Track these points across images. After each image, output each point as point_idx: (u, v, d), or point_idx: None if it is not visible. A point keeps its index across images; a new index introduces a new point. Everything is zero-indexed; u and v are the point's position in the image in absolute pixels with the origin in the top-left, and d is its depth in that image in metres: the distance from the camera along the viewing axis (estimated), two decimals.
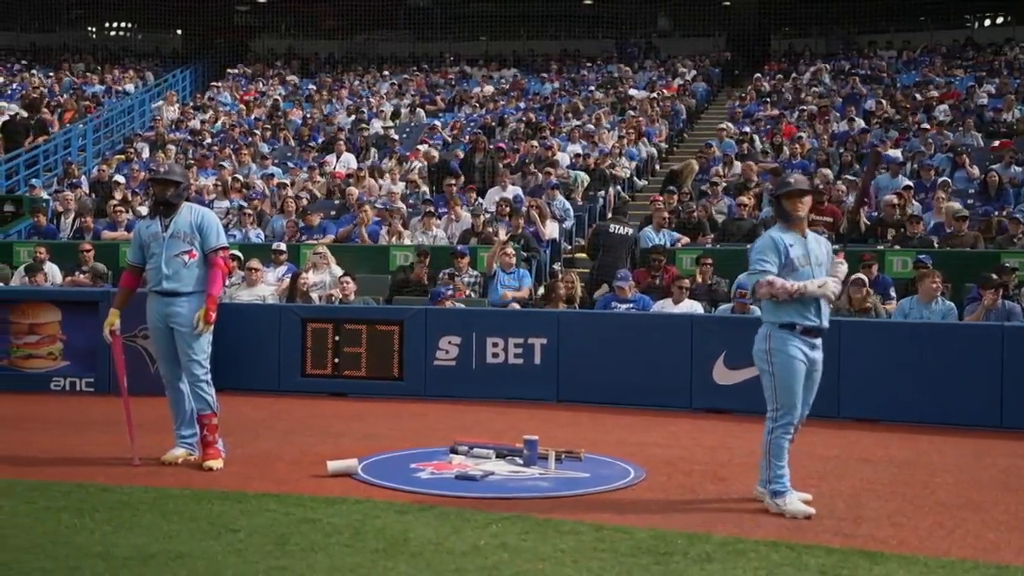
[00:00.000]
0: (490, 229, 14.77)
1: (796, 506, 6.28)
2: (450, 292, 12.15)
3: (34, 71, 29.33)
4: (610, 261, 13.11)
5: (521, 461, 7.59)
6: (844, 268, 6.62)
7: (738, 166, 18.04)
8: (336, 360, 11.19)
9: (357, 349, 11.16)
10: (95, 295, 11.41)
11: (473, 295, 12.98)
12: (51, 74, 29.23)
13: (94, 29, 37.95)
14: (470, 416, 10.04)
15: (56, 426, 9.36)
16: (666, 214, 14.71)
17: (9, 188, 19.10)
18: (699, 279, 12.69)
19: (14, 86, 27.47)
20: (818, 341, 6.53)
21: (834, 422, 9.31)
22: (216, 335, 11.27)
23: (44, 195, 17.84)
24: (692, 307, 11.59)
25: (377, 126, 23.07)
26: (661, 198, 15.44)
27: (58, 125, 22.91)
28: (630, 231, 14.01)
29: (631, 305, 11.75)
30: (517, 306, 12.56)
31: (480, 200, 16.24)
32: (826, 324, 6.54)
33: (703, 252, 13.44)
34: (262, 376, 11.31)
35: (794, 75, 26.80)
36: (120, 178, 17.74)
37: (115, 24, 38.44)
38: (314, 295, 12.66)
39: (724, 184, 16.61)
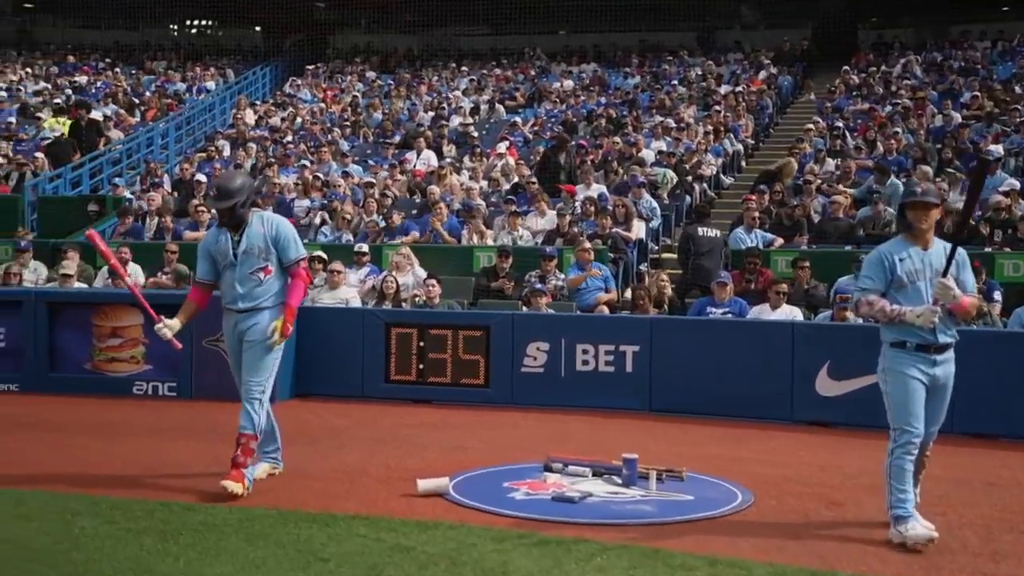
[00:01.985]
0: (575, 229, 14.37)
1: (918, 531, 5.80)
2: (547, 286, 11.90)
3: (118, 69, 29.59)
4: (703, 264, 12.64)
5: (620, 481, 7.19)
6: (951, 294, 5.88)
7: (831, 163, 17.41)
8: (420, 366, 10.88)
9: (442, 355, 10.84)
10: (179, 298, 11.20)
11: (561, 298, 12.58)
12: (134, 72, 29.47)
13: (176, 27, 38.25)
14: (559, 426, 9.67)
15: (138, 433, 9.17)
16: (757, 214, 14.18)
17: (93, 187, 19.13)
18: (797, 283, 12.15)
19: (99, 84, 27.70)
20: (941, 356, 6.04)
21: (949, 437, 8.72)
22: (298, 340, 11.17)
23: (127, 194, 17.83)
24: (791, 313, 11.08)
25: (456, 122, 22.78)
26: (754, 197, 14.90)
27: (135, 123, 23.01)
28: (718, 233, 13.51)
29: (727, 310, 11.27)
30: (606, 309, 12.15)
31: (565, 199, 15.82)
32: (947, 339, 6.05)
33: (799, 254, 12.89)
34: (345, 382, 11.06)
35: (883, 67, 25.92)
36: (202, 177, 17.65)
37: (196, 22, 38.72)
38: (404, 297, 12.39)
39: (817, 182, 16.00)
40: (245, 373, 7.02)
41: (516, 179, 17.21)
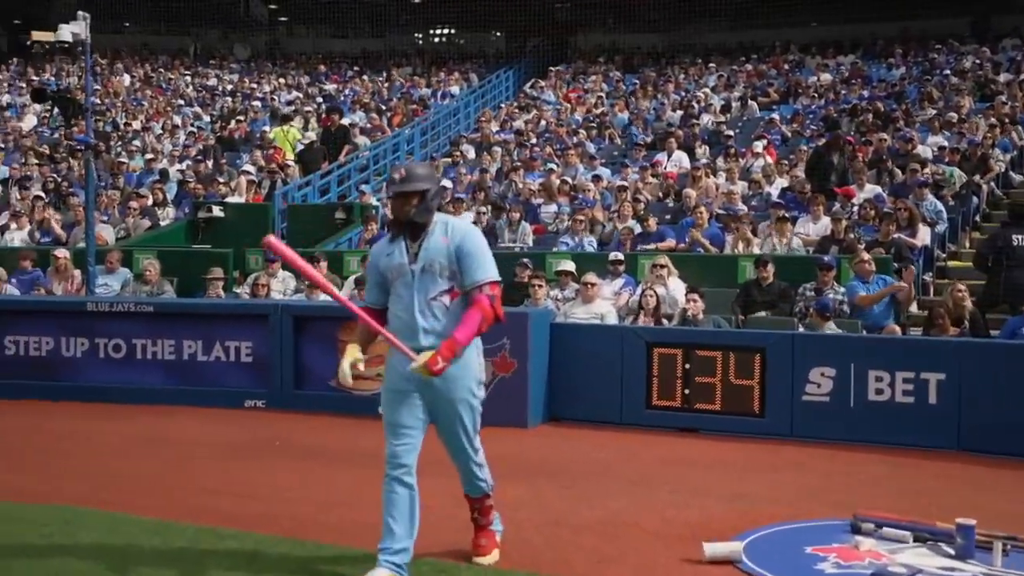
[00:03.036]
0: (852, 235, 12.91)
1: None
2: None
3: (365, 76, 29.88)
4: (1017, 277, 10.95)
5: (952, 551, 5.87)
6: None
7: None
8: (686, 391, 9.77)
9: (711, 379, 9.68)
10: None
11: (841, 315, 11.20)
12: (380, 79, 29.68)
13: (420, 35, 38.58)
14: (855, 468, 8.34)
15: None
16: None
17: (341, 195, 19.01)
18: None
19: (346, 91, 27.99)
20: None
21: None
22: (551, 359, 10.29)
23: (373, 201, 17.55)
24: None
25: (707, 121, 21.52)
26: None
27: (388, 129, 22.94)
28: None
29: None
30: (897, 330, 10.69)
31: (841, 202, 14.32)
32: None
33: None
34: (602, 406, 10.08)
35: None
36: (447, 182, 17.15)
37: (440, 30, 38.92)
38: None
39: None
40: (449, 437, 5.50)
41: (781, 180, 15.84)
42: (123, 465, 8.34)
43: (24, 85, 28.01)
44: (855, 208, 13.87)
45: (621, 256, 12.64)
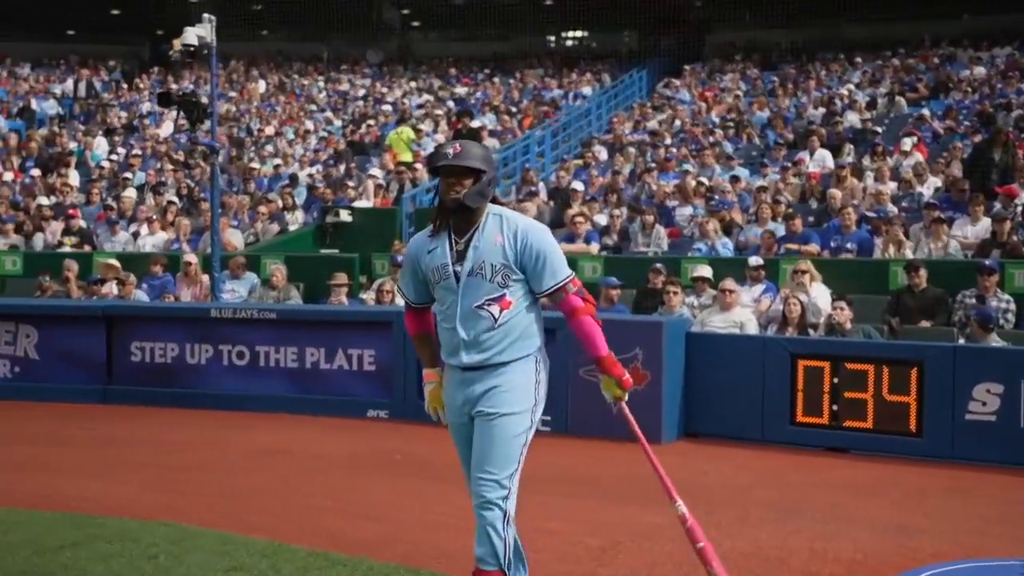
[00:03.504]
0: (1015, 238, 11.92)
1: None
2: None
3: (496, 79, 29.60)
4: None
5: None
6: None
7: None
8: (834, 407, 9.02)
9: (861, 394, 8.92)
10: (550, 321, 10.03)
11: (1006, 324, 10.28)
12: (510, 81, 29.36)
13: (552, 38, 38.20)
14: None
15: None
16: None
17: None
18: None
19: (478, 94, 27.74)
20: None
21: None
22: (686, 370, 9.67)
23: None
24: None
25: (852, 119, 20.46)
26: None
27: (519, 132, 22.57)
28: None
29: None
30: None
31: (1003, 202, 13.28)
32: None
33: None
34: (742, 422, 9.43)
35: None
36: (578, 184, 16.62)
37: (571, 33, 38.46)
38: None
39: None
40: (479, 466, 4.55)
41: (934, 179, 14.85)
42: (239, 479, 8.08)
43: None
44: (1019, 208, 12.83)
45: (761, 261, 11.90)
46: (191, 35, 11.46)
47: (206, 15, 11.70)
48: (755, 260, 11.87)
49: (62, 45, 35.30)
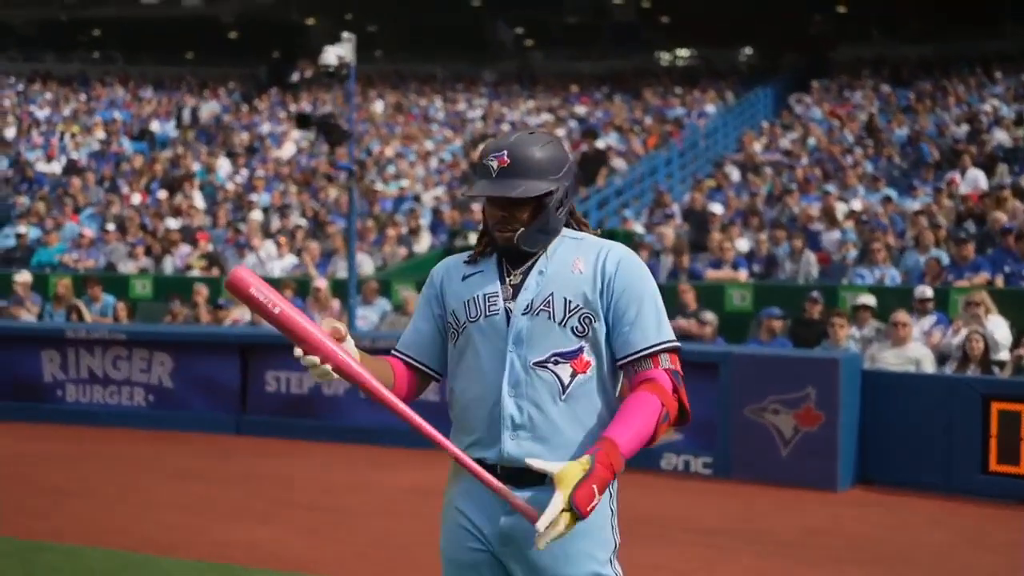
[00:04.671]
0: None
1: None
2: None
3: (615, 97, 29.04)
4: None
5: None
6: None
7: None
8: None
9: None
10: (713, 355, 9.38)
11: None
12: (631, 100, 28.74)
13: (670, 55, 37.50)
14: None
15: (682, 536, 7.36)
16: None
17: (599, 221, 18.06)
18: None
19: (598, 113, 27.17)
20: None
21: None
22: (862, 412, 8.91)
23: (637, 228, 16.48)
24: None
25: (1001, 136, 19.35)
26: None
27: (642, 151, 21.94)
28: None
29: None
30: None
31: None
32: None
33: None
34: (925, 469, 8.62)
35: None
36: (716, 207, 15.89)
37: (687, 52, 37.72)
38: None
39: None
40: None
41: None
42: (388, 524, 7.59)
43: (284, 114, 28.63)
44: None
45: (929, 292, 11.05)
46: (331, 54, 11.11)
47: (345, 33, 11.34)
48: (924, 291, 11.02)
49: (183, 67, 35.92)
